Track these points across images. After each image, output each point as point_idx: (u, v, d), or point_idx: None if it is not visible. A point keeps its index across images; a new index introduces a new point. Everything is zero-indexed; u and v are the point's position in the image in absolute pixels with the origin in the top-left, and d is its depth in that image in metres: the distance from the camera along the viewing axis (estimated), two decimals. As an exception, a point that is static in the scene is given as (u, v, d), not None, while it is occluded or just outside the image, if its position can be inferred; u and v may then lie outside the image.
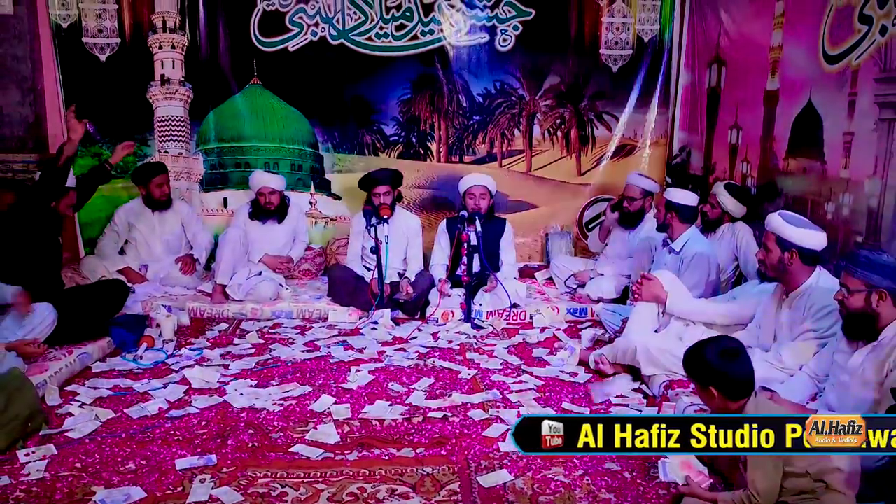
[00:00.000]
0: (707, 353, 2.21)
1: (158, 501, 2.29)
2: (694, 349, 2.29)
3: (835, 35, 3.49)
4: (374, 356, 3.75)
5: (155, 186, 4.69)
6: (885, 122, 3.11)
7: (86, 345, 3.54)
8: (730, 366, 2.17)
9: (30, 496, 2.31)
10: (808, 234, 2.80)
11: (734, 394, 2.16)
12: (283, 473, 2.48)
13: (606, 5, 5.24)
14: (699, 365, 2.23)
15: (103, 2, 4.95)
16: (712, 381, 2.18)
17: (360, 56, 5.16)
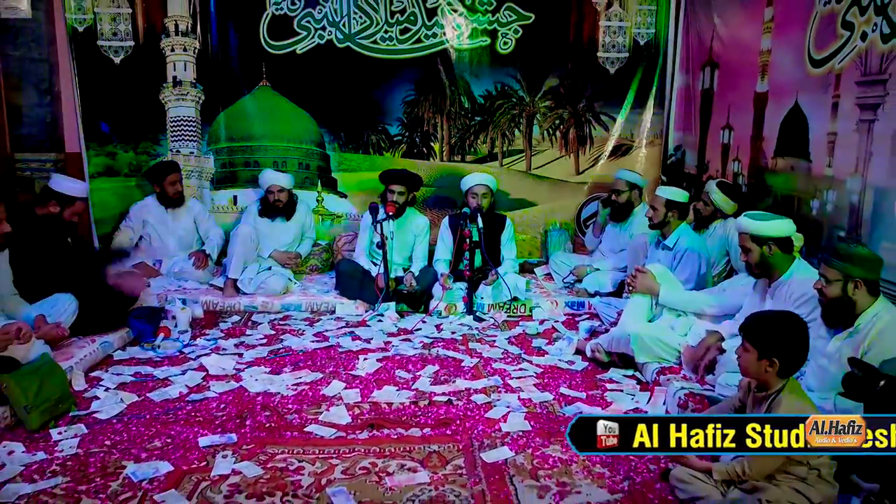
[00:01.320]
0: (779, 325, 2.20)
1: (185, 474, 2.46)
2: (765, 319, 2.27)
3: (819, 40, 3.66)
4: (381, 346, 3.93)
5: (168, 184, 4.86)
6: (866, 123, 3.29)
7: (107, 335, 3.72)
8: (799, 343, 2.17)
9: (65, 469, 2.49)
10: (776, 225, 2.99)
11: (789, 369, 2.16)
12: (299, 450, 2.66)
13: (604, 10, 5.42)
14: (768, 335, 2.18)
15: (118, 6, 5.11)
16: (777, 353, 2.14)
17: (366, 59, 5.33)
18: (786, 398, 2.13)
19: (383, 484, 2.41)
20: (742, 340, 2.23)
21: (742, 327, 2.30)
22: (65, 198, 3.92)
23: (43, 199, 3.90)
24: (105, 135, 5.24)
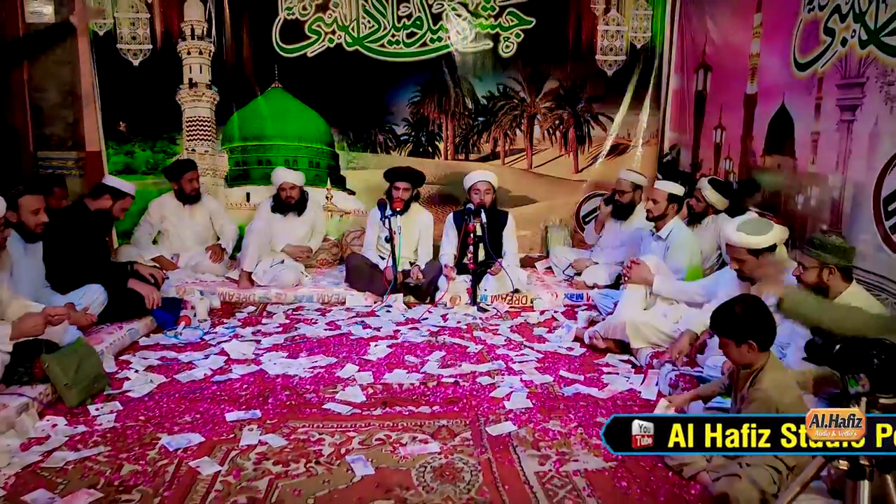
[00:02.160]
0: (744, 310, 2.36)
1: (215, 444, 2.69)
2: (727, 309, 2.41)
3: (804, 45, 3.89)
4: (391, 334, 4.15)
5: (186, 182, 5.07)
6: (845, 123, 3.52)
7: (132, 322, 3.94)
8: (764, 320, 2.34)
9: (106, 440, 2.71)
10: (768, 238, 3.13)
11: (767, 343, 2.35)
12: (319, 424, 2.88)
13: (602, 14, 5.64)
14: (736, 322, 2.35)
15: (136, 11, 5.34)
16: (751, 334, 2.32)
17: (374, 61, 5.55)
18: (768, 371, 2.36)
19: (397, 453, 2.64)
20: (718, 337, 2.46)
21: (711, 326, 2.49)
22: (118, 192, 4.18)
23: (97, 192, 4.15)
24: (123, 134, 5.46)
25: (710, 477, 2.36)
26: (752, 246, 3.11)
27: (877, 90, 3.27)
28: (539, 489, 2.39)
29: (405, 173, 4.92)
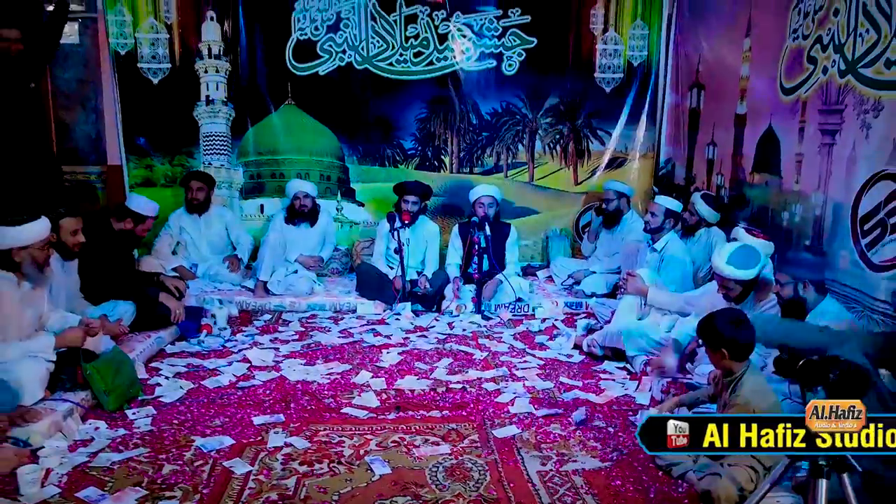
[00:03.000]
0: (719, 321, 2.60)
1: (245, 446, 2.94)
2: (708, 319, 2.64)
3: (789, 71, 4.14)
4: (400, 341, 4.40)
5: (190, 190, 5.29)
6: (826, 146, 3.77)
7: (158, 332, 4.20)
8: (739, 332, 2.56)
9: (145, 442, 2.97)
10: (755, 271, 3.34)
11: (740, 355, 2.58)
12: (338, 428, 3.13)
13: (600, 34, 5.88)
14: (713, 331, 2.59)
15: (156, 31, 5.57)
16: (724, 344, 2.56)
17: (383, 79, 5.79)
18: (748, 378, 2.62)
19: (412, 454, 2.89)
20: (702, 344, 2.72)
21: (696, 331, 2.75)
22: (138, 216, 4.43)
23: (120, 214, 4.39)
24: (142, 148, 5.71)
25: (696, 476, 2.62)
26: (739, 278, 3.35)
27: (854, 117, 3.52)
28: (541, 487, 2.65)
29: (414, 187, 5.18)
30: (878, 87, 3.33)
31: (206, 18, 5.61)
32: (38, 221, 3.22)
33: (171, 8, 5.56)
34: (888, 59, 3.26)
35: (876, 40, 3.34)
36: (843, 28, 3.59)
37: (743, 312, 2.80)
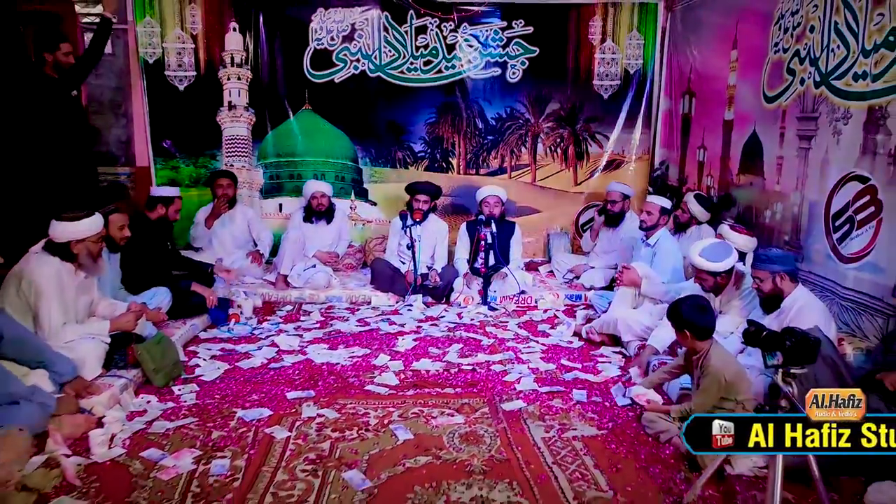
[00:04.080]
0: (683, 306, 3.03)
1: (282, 417, 3.32)
2: (675, 303, 3.08)
3: (771, 81, 4.51)
4: (414, 329, 4.77)
5: (217, 187, 5.64)
6: (804, 150, 4.14)
7: (192, 319, 4.56)
8: (698, 316, 2.99)
9: (192, 413, 3.33)
10: (726, 263, 3.68)
11: (701, 336, 3.00)
12: (363, 402, 3.50)
13: (598, 44, 6.24)
14: (677, 314, 3.01)
15: (182, 42, 5.94)
16: (686, 325, 2.98)
17: (394, 86, 6.15)
18: (713, 354, 3.00)
19: (430, 423, 3.26)
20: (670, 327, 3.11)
21: (667, 315, 3.15)
22: (167, 199, 4.80)
23: (151, 204, 4.77)
24: (168, 151, 6.08)
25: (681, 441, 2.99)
26: (711, 269, 3.69)
27: (827, 124, 3.89)
28: (545, 450, 3.02)
29: (425, 187, 5.55)
30: (848, 97, 3.71)
31: (229, 29, 5.98)
32: (93, 217, 3.59)
33: (196, 19, 5.92)
34: (856, 73, 3.63)
35: (845, 56, 3.72)
36: (818, 44, 3.96)
37: (705, 300, 3.20)
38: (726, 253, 3.70)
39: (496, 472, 2.81)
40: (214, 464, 2.83)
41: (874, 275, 3.47)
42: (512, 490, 2.68)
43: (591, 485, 2.74)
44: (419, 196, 5.46)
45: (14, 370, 3.05)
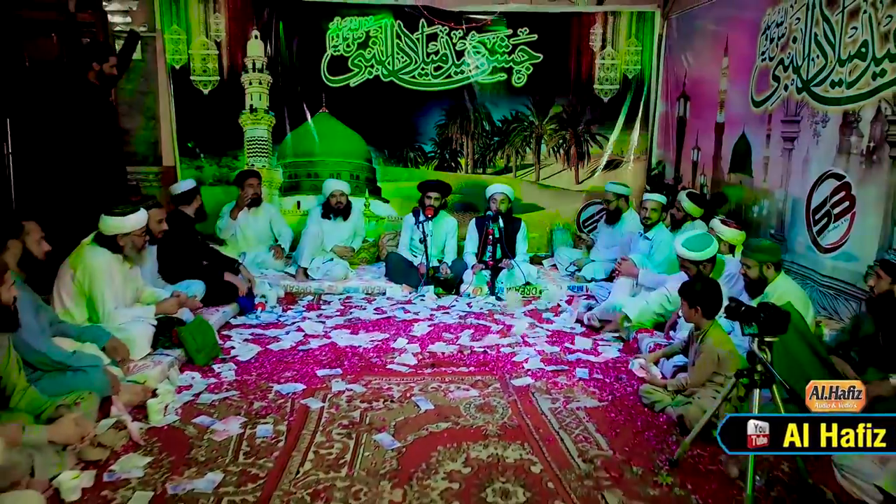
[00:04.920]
0: (699, 285, 3.37)
1: (315, 390, 3.68)
2: (692, 282, 3.42)
3: (758, 87, 4.89)
4: (428, 317, 5.14)
5: (246, 186, 6.00)
6: (787, 151, 4.51)
7: (223, 307, 4.93)
8: (710, 296, 3.31)
9: (233, 387, 3.70)
10: (706, 253, 4.02)
11: (707, 314, 3.32)
12: (386, 378, 3.87)
13: (599, 50, 6.62)
14: (692, 291, 3.30)
15: (207, 49, 6.31)
16: (698, 302, 3.28)
17: (406, 91, 6.52)
18: (712, 332, 3.35)
19: (448, 396, 3.63)
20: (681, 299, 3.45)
21: (679, 290, 3.50)
22: (194, 189, 5.18)
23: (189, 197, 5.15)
24: (192, 150, 6.44)
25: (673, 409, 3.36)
26: (693, 258, 4.05)
27: (808, 127, 4.27)
28: (552, 417, 3.39)
29: (435, 185, 5.91)
30: (826, 102, 4.09)
31: (250, 37, 6.35)
32: (139, 213, 3.95)
33: (220, 28, 6.29)
34: (833, 80, 4.01)
35: (824, 65, 4.09)
36: (800, 53, 4.34)
37: (717, 284, 3.53)
38: (706, 243, 4.05)
39: (509, 436, 3.18)
40: (259, 428, 3.20)
41: (848, 263, 3.85)
42: (524, 449, 3.05)
43: (593, 445, 3.10)
44: (430, 193, 5.82)
45: (65, 344, 3.39)
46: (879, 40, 3.61)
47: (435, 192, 5.85)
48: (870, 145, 3.71)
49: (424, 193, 5.87)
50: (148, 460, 2.89)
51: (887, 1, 3.55)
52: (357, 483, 2.75)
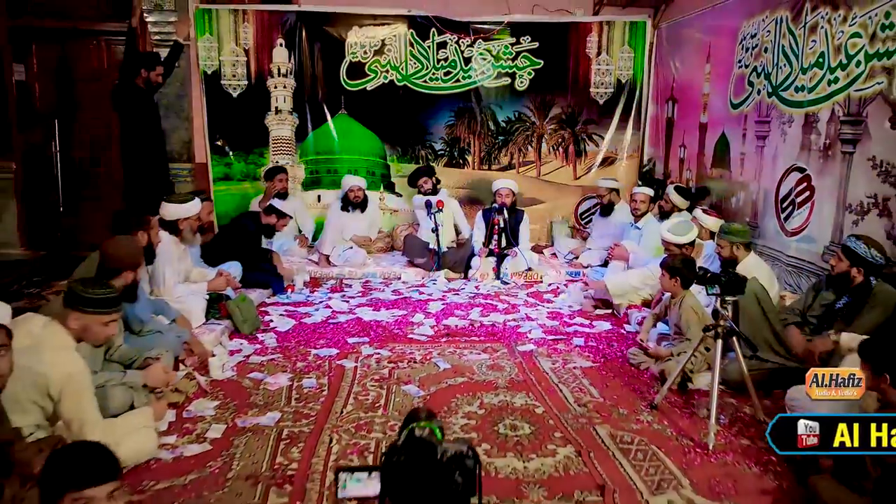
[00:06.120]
0: (679, 260, 3.93)
1: (347, 354, 4.26)
2: (671, 257, 4.01)
3: (736, 91, 5.47)
4: (440, 297, 5.72)
5: (277, 181, 6.59)
6: (760, 148, 5.10)
7: (258, 289, 5.51)
8: (688, 269, 3.83)
9: (276, 351, 4.29)
10: (688, 237, 4.60)
11: (685, 285, 3.87)
12: (408, 346, 4.46)
13: (594, 56, 7.19)
14: (674, 266, 3.88)
15: (236, 55, 6.88)
16: (678, 274, 3.84)
17: (418, 93, 7.07)
18: (687, 298, 3.94)
19: (462, 359, 4.22)
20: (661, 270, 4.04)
21: (660, 263, 4.09)
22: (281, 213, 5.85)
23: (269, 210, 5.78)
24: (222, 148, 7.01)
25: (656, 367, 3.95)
26: (676, 242, 4.62)
27: (777, 127, 4.85)
28: (552, 374, 3.98)
29: (420, 171, 6.57)
30: (791, 105, 4.67)
31: (276, 45, 6.90)
32: (195, 201, 4.55)
33: (248, 36, 6.86)
34: (797, 86, 4.59)
35: (789, 72, 4.68)
36: (770, 62, 4.92)
37: (693, 259, 4.13)
38: (687, 229, 4.64)
39: (516, 387, 3.77)
40: (304, 381, 3.79)
41: (809, 245, 4.43)
42: (528, 397, 3.64)
43: (586, 394, 3.70)
44: (421, 180, 6.46)
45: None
46: (833, 52, 4.19)
47: (424, 176, 6.47)
48: (826, 142, 4.29)
49: (417, 182, 6.47)
50: (216, 404, 3.48)
51: (839, 19, 4.14)
52: (391, 419, 3.35)
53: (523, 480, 2.80)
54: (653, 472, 2.88)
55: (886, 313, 3.41)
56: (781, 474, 2.84)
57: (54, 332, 2.67)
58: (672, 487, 2.75)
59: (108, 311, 2.75)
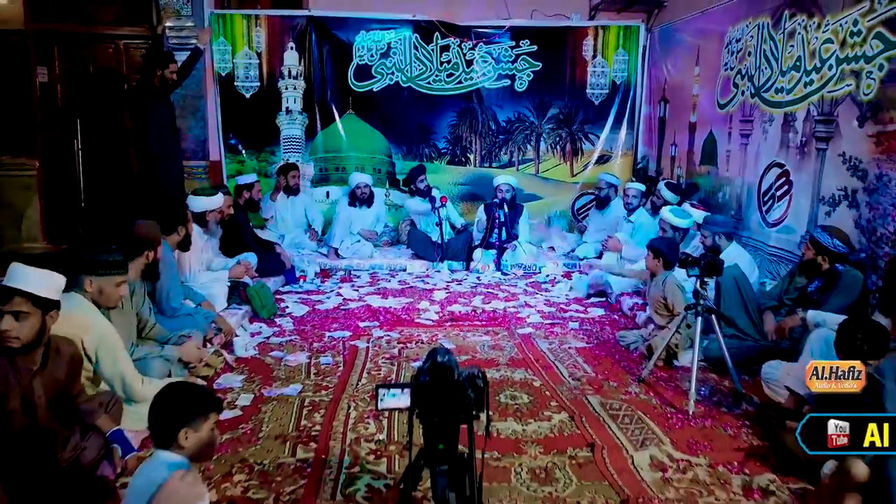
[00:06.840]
0: (664, 241, 4.35)
1: (359, 336, 4.60)
2: (656, 239, 4.42)
3: (722, 92, 5.81)
4: (444, 287, 6.07)
5: (290, 178, 6.93)
6: (744, 146, 5.44)
7: (274, 277, 5.85)
8: (671, 250, 4.21)
9: (293, 334, 4.63)
10: (685, 222, 5.02)
11: (667, 266, 4.23)
12: (415, 329, 4.80)
13: (590, 59, 7.53)
14: (658, 247, 4.27)
15: (249, 58, 7.21)
16: (661, 255, 4.24)
17: (422, 94, 7.39)
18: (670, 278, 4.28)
19: (466, 340, 4.56)
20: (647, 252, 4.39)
21: (647, 245, 4.44)
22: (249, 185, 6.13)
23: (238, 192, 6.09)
24: (234, 146, 7.34)
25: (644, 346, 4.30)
26: (675, 224, 5.02)
27: (759, 126, 5.19)
28: (549, 353, 4.32)
29: (414, 171, 6.94)
30: (771, 105, 5.01)
31: (287, 48, 7.23)
32: (219, 195, 4.90)
33: (260, 40, 7.20)
34: (776, 87, 4.94)
35: (770, 75, 5.02)
36: (753, 65, 5.26)
37: (676, 242, 4.50)
38: (686, 216, 5.04)
39: (515, 364, 4.12)
40: (321, 359, 4.14)
41: (787, 235, 4.77)
42: (527, 373, 3.99)
43: (580, 370, 4.05)
44: (416, 181, 6.82)
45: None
46: (809, 56, 4.53)
47: (419, 175, 6.82)
48: (802, 140, 4.62)
49: (413, 182, 6.84)
50: (242, 377, 3.83)
51: (814, 26, 4.48)
52: (403, 390, 3.69)
53: (522, 440, 3.14)
54: (637, 432, 3.22)
55: (852, 296, 3.75)
56: (754, 436, 3.19)
57: (77, 300, 2.95)
58: (654, 444, 3.10)
59: (118, 272, 3.05)
